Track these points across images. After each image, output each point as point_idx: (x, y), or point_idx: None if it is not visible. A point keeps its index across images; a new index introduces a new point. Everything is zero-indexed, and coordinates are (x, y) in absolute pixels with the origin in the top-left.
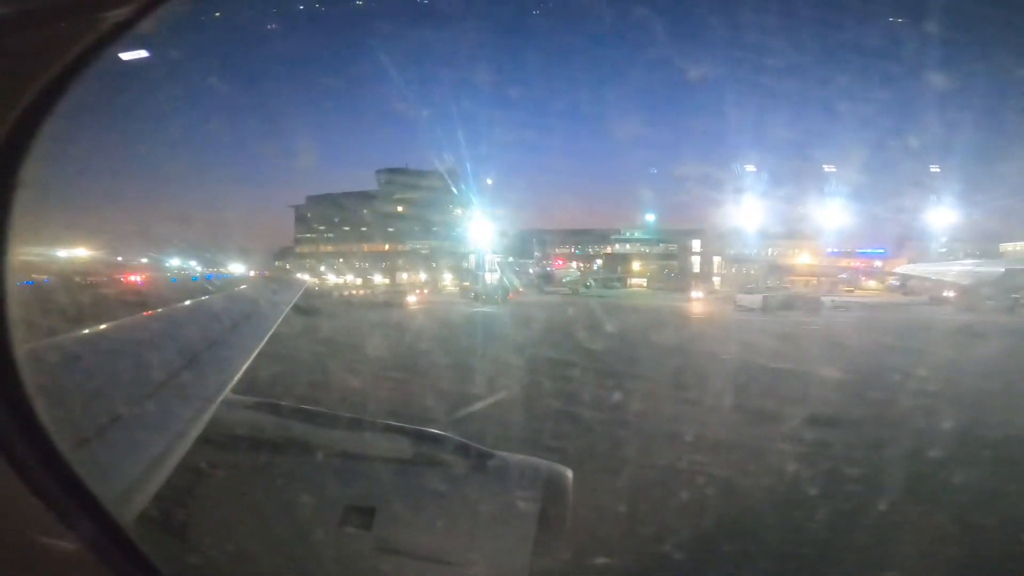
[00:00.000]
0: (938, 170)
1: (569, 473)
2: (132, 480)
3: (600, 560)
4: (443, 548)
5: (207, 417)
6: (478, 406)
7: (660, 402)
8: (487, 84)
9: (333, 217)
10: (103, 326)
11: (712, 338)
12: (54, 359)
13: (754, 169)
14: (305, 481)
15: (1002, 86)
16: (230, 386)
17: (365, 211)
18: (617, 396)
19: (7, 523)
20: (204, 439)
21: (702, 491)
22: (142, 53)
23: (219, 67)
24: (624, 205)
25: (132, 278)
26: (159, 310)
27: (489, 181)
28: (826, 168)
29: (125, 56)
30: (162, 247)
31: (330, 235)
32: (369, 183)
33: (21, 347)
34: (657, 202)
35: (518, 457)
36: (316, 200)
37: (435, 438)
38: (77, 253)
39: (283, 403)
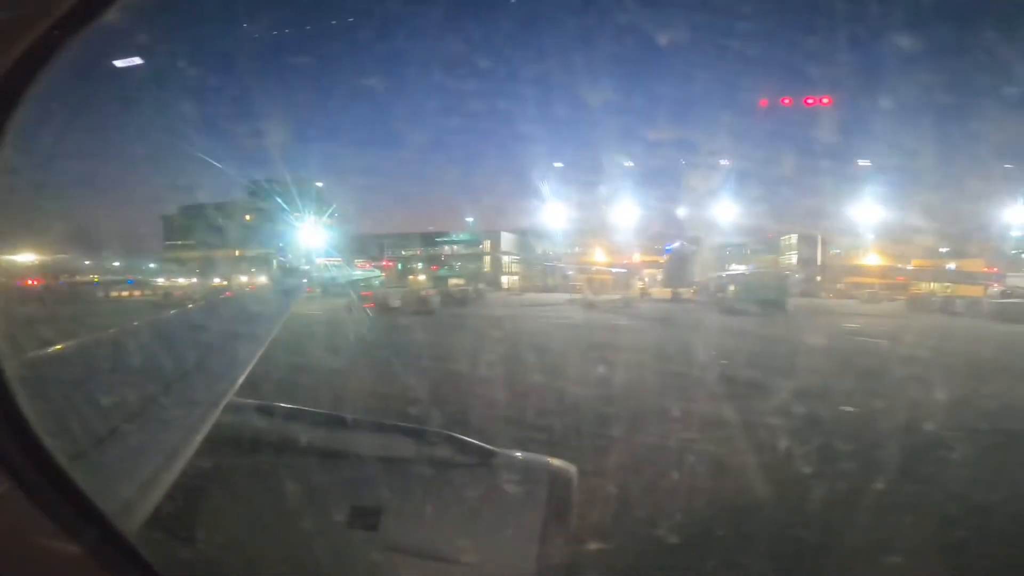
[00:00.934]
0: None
1: (574, 470)
2: (135, 487)
3: (605, 557)
4: (449, 547)
5: (210, 423)
6: None
7: None
8: (349, 101)
9: (199, 225)
10: (104, 333)
11: None
12: (52, 369)
13: (561, 166)
14: (309, 483)
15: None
16: (232, 391)
17: (221, 220)
18: None
19: (8, 533)
20: (208, 443)
21: None
22: (135, 60)
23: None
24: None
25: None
26: (160, 316)
27: (319, 184)
28: (627, 164)
29: (119, 63)
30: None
31: (191, 242)
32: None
33: (11, 357)
34: (500, 205)
35: (523, 454)
36: (185, 209)
37: (439, 437)
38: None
39: (285, 405)
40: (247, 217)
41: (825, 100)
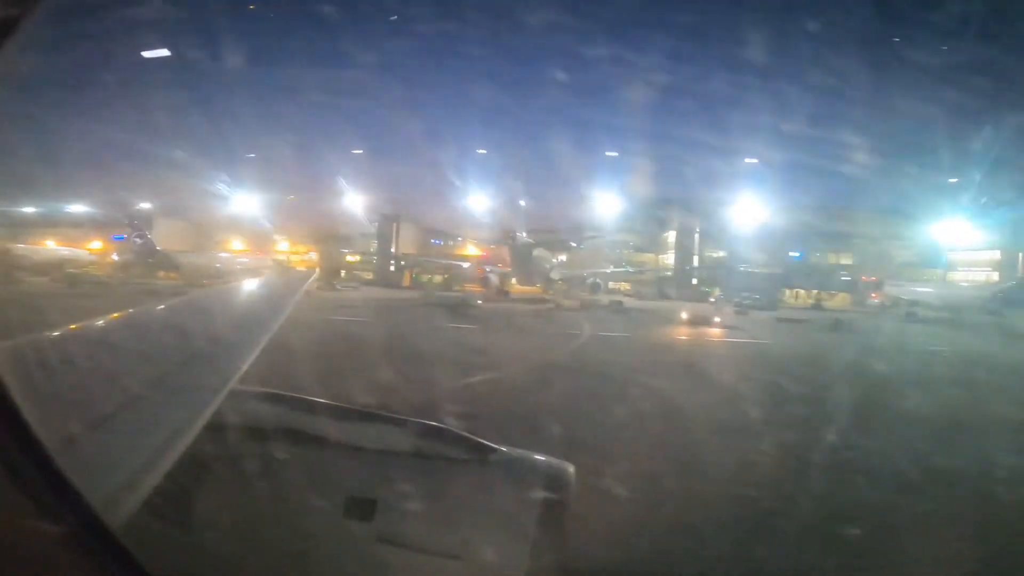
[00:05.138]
0: None
1: (571, 468)
2: (126, 475)
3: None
4: (443, 541)
5: (208, 413)
6: None
7: None
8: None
9: None
10: (102, 320)
11: None
12: (50, 353)
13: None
14: (306, 472)
15: None
16: (233, 381)
17: None
18: None
19: None
20: (206, 429)
21: None
22: (163, 52)
23: None
24: None
25: None
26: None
27: None
28: None
29: (147, 55)
30: None
31: None
32: None
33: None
34: None
35: (520, 452)
36: None
37: (438, 431)
38: None
39: (285, 393)
40: None
41: None
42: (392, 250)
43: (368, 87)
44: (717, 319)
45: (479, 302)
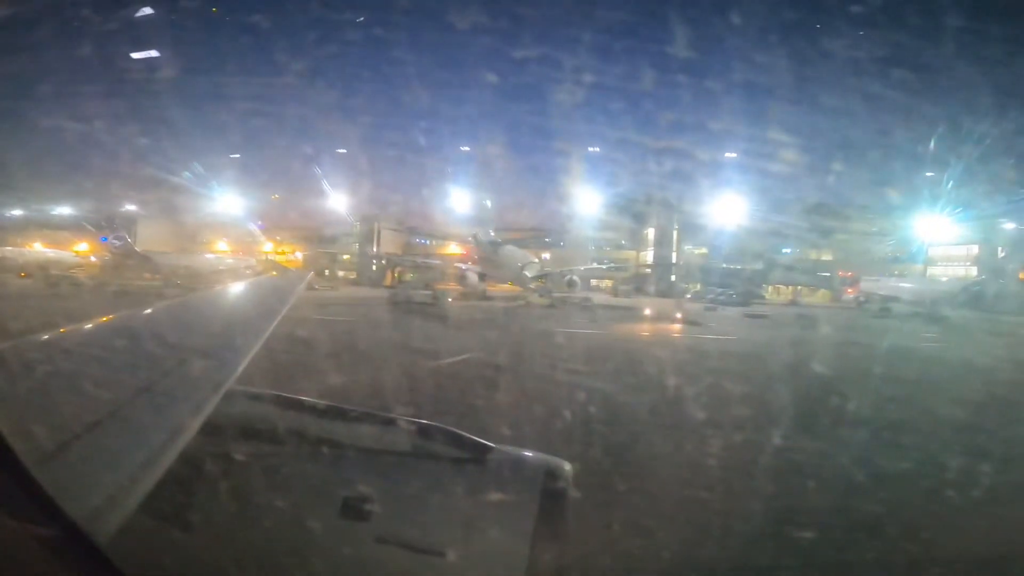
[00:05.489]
0: None
1: (568, 466)
2: (121, 480)
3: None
4: (440, 541)
5: (203, 415)
6: None
7: None
8: None
9: None
10: (87, 324)
11: None
12: (35, 358)
13: None
14: (302, 472)
15: None
16: (228, 383)
17: None
18: None
19: None
20: (201, 430)
21: None
22: (152, 53)
23: None
24: None
25: None
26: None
27: None
28: None
29: (136, 55)
30: None
31: None
32: None
33: None
34: None
35: (517, 450)
36: None
37: (434, 431)
38: None
39: (280, 393)
40: None
41: None
42: (373, 250)
43: (355, 89)
44: (679, 315)
45: (449, 300)
